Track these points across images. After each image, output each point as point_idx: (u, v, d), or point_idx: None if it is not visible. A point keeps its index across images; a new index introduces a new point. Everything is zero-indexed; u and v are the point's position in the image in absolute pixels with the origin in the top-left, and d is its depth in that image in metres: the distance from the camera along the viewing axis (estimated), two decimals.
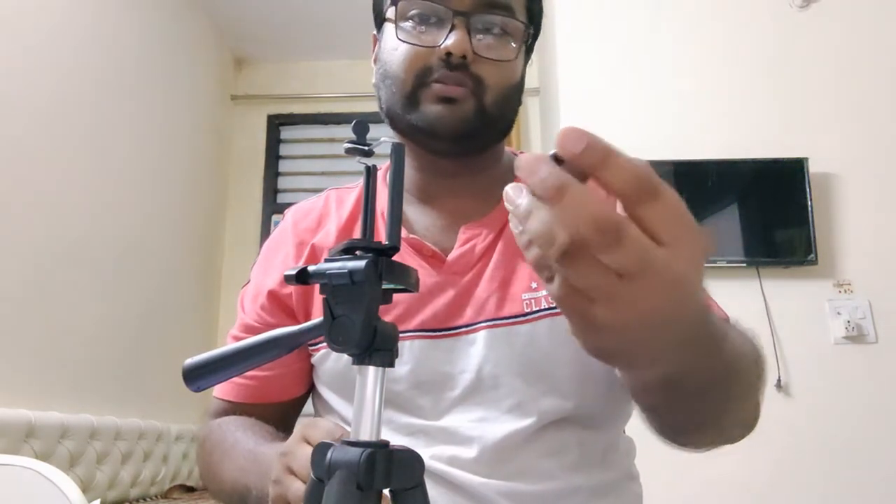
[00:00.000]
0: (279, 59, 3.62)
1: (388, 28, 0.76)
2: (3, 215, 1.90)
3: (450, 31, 0.71)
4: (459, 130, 0.72)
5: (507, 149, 0.87)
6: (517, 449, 0.69)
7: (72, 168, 2.21)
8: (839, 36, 2.39)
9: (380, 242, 0.38)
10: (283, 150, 3.59)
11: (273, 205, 3.49)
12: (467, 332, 0.72)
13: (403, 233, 0.76)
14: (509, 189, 0.35)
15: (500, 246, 0.75)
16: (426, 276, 0.73)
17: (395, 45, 0.74)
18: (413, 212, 0.80)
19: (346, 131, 0.39)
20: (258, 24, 3.34)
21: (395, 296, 0.76)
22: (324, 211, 0.85)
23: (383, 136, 0.40)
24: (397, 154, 0.39)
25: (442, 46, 0.71)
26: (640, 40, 2.46)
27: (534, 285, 0.73)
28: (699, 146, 2.28)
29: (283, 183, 3.53)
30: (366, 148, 0.40)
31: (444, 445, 0.70)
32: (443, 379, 0.72)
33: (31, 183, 2.02)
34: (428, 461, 0.68)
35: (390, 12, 0.75)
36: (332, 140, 3.50)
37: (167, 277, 2.82)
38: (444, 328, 0.73)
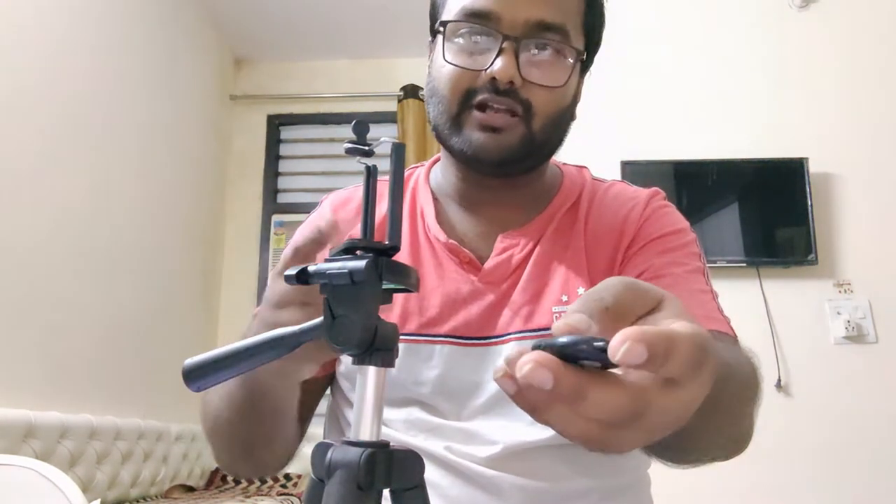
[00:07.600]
0: (279, 59, 3.62)
1: (439, 43, 0.75)
2: (2, 215, 1.90)
3: (497, 55, 0.69)
4: (503, 158, 0.72)
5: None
6: (536, 454, 0.70)
7: (72, 168, 2.21)
8: (839, 36, 2.39)
9: (380, 242, 0.38)
10: (283, 150, 3.59)
11: (273, 205, 3.47)
12: (497, 343, 0.72)
13: (442, 236, 0.76)
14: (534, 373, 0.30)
15: (534, 256, 0.75)
16: (461, 281, 0.74)
17: (443, 64, 0.73)
18: (454, 216, 0.80)
19: (346, 131, 0.39)
20: (258, 24, 3.34)
21: (429, 299, 0.72)
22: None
23: (383, 136, 0.40)
24: (397, 154, 0.39)
25: (487, 71, 0.69)
26: (640, 40, 2.46)
27: (564, 298, 0.72)
28: (699, 146, 2.28)
29: (283, 183, 3.52)
30: (366, 148, 0.40)
31: (461, 444, 0.70)
32: (469, 387, 0.72)
33: (31, 182, 2.02)
34: (442, 451, 0.69)
35: (441, 29, 0.75)
36: (332, 140, 3.50)
37: (167, 277, 2.82)
38: (475, 337, 0.73)
